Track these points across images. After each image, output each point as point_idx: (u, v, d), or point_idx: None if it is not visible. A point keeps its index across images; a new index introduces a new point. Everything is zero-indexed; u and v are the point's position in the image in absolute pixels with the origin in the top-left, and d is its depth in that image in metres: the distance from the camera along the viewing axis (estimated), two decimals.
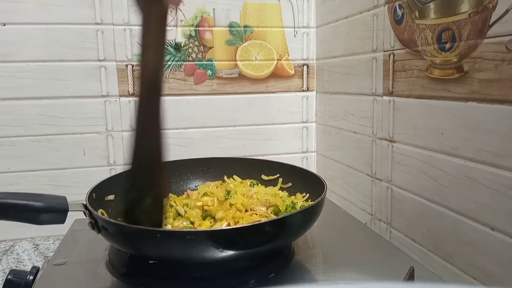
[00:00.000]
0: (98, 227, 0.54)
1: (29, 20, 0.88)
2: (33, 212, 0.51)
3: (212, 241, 0.48)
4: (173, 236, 0.50)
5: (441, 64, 0.62)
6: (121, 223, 0.52)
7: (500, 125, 0.53)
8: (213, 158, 0.81)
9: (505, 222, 0.53)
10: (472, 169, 0.57)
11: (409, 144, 0.71)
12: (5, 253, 0.86)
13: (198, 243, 0.48)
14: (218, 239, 0.48)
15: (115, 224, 0.53)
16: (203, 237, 0.48)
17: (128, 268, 0.56)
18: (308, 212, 0.55)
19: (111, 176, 0.69)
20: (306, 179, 0.71)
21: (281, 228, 0.52)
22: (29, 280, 0.56)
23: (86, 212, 0.54)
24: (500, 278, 0.54)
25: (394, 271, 0.56)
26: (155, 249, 0.50)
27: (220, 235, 0.49)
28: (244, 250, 0.51)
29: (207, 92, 1.01)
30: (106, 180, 0.67)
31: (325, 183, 0.63)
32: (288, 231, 0.53)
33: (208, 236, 0.48)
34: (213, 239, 0.48)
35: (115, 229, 0.52)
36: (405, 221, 0.73)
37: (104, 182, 0.66)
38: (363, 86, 0.84)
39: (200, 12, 0.97)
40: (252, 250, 0.52)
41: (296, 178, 0.74)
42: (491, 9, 0.53)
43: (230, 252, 0.49)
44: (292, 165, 0.76)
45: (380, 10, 0.76)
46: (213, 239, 0.48)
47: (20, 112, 0.90)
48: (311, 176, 0.70)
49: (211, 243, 0.48)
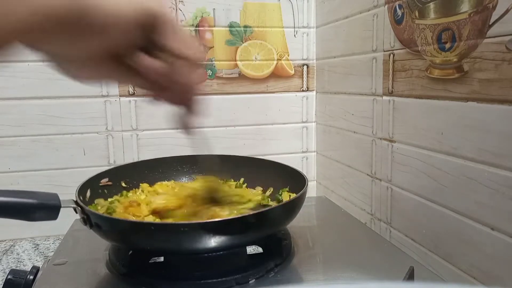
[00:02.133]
0: (90, 222, 0.54)
1: None
2: (25, 209, 0.51)
3: (205, 232, 0.50)
4: (166, 228, 0.51)
5: (441, 64, 0.62)
6: (113, 217, 0.52)
7: (500, 125, 0.53)
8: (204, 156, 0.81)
9: (505, 222, 0.53)
10: (472, 169, 0.57)
11: (409, 144, 0.71)
12: (5, 253, 0.86)
13: (191, 234, 0.49)
14: (210, 230, 0.50)
15: (107, 218, 0.53)
16: (196, 229, 0.50)
17: (128, 268, 0.56)
18: (290, 203, 0.57)
19: (100, 172, 0.70)
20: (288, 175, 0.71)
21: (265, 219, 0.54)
22: (29, 280, 0.56)
23: (78, 208, 0.54)
24: (500, 278, 0.54)
25: (394, 271, 0.56)
26: (148, 241, 0.51)
27: (212, 226, 0.50)
28: (235, 241, 0.53)
29: (207, 92, 1.01)
30: (96, 176, 0.68)
31: (305, 177, 0.64)
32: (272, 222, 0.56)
33: (201, 227, 0.50)
34: (206, 230, 0.50)
35: (107, 223, 0.53)
36: (405, 221, 0.73)
37: (94, 177, 0.67)
38: (363, 86, 0.84)
39: (200, 12, 0.97)
40: (243, 240, 0.54)
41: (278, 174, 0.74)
42: (491, 9, 0.53)
43: (222, 242, 0.51)
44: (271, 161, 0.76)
45: (380, 10, 0.76)
46: (205, 230, 0.50)
47: (20, 112, 0.90)
48: (292, 171, 0.70)
49: (204, 234, 0.50)
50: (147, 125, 0.98)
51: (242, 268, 0.55)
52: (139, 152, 0.98)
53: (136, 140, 0.97)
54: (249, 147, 1.05)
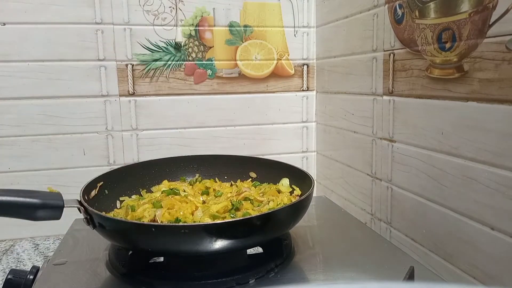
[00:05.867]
0: (94, 223, 0.54)
1: (29, 19, 0.88)
2: (29, 209, 0.51)
3: (206, 234, 0.49)
4: (168, 230, 0.51)
5: (441, 64, 0.62)
6: (116, 218, 0.52)
7: (500, 124, 0.53)
8: (208, 156, 0.82)
9: (505, 222, 0.53)
10: (472, 169, 0.57)
11: (409, 144, 0.71)
12: (5, 253, 0.86)
13: (192, 236, 0.49)
14: (212, 232, 0.49)
15: (110, 219, 0.53)
16: (197, 231, 0.49)
17: (128, 268, 0.56)
18: (295, 205, 0.57)
19: (105, 173, 0.70)
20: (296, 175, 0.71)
21: (270, 221, 0.54)
22: (29, 279, 0.56)
23: (81, 208, 0.54)
24: (500, 278, 0.54)
25: (394, 271, 0.56)
26: (150, 243, 0.51)
27: (213, 228, 0.50)
28: (236, 244, 0.52)
29: (207, 91, 1.01)
30: (101, 176, 0.68)
31: (312, 178, 0.64)
32: (277, 223, 0.56)
33: (202, 229, 0.50)
34: (207, 232, 0.49)
35: (110, 224, 0.53)
36: (405, 221, 0.73)
37: (98, 178, 0.67)
38: (363, 85, 0.84)
39: (200, 11, 0.97)
40: (245, 243, 0.54)
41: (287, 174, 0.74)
42: (491, 9, 0.53)
43: (223, 244, 0.50)
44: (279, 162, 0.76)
45: (380, 10, 0.76)
46: (206, 232, 0.49)
47: (20, 112, 0.90)
48: (299, 172, 0.70)
49: (205, 236, 0.49)
50: (147, 125, 0.98)
51: (242, 268, 0.55)
52: (139, 152, 0.98)
53: (136, 140, 0.97)
54: (249, 147, 1.05)
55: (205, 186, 0.73)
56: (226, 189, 0.72)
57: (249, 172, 0.78)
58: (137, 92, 0.96)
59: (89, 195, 0.63)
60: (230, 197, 0.66)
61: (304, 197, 0.57)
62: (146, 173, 0.75)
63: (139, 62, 0.95)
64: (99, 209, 0.58)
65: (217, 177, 0.78)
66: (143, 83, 0.96)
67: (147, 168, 0.76)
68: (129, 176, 0.73)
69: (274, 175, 0.74)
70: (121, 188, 0.71)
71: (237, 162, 0.79)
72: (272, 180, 0.74)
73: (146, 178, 0.75)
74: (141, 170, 0.75)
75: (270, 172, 0.75)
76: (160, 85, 0.97)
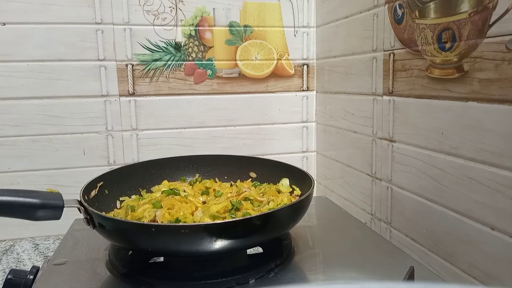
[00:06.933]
0: (94, 223, 0.54)
1: (29, 19, 0.88)
2: (29, 209, 0.52)
3: (206, 234, 0.49)
4: (168, 230, 0.51)
5: (441, 64, 0.62)
6: (116, 218, 0.52)
7: (500, 124, 0.53)
8: (207, 156, 0.82)
9: (505, 222, 0.53)
10: (472, 168, 0.57)
11: (409, 144, 0.71)
12: (5, 253, 0.86)
13: (192, 236, 0.49)
14: (212, 232, 0.49)
15: (110, 219, 0.53)
16: (197, 231, 0.49)
17: (128, 268, 0.56)
18: (295, 205, 0.57)
19: (105, 173, 0.70)
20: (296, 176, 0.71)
21: (270, 222, 0.54)
22: (29, 279, 0.56)
23: (81, 208, 0.54)
24: (500, 278, 0.54)
25: (394, 271, 0.56)
26: (150, 243, 0.51)
27: (213, 228, 0.50)
28: (237, 244, 0.52)
29: (207, 91, 1.01)
30: (101, 176, 0.68)
31: (312, 178, 0.64)
32: (276, 224, 0.56)
33: (202, 229, 0.50)
34: (207, 232, 0.49)
35: (111, 224, 0.53)
36: (405, 221, 0.73)
37: (98, 178, 0.67)
38: (363, 85, 0.84)
39: (200, 11, 0.97)
40: (245, 243, 0.54)
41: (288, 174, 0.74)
42: (491, 9, 0.53)
43: (223, 245, 0.50)
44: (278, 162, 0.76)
45: (380, 10, 0.76)
46: (206, 232, 0.49)
47: (20, 112, 0.90)
48: (299, 172, 0.70)
49: (205, 236, 0.49)
50: (147, 125, 0.98)
51: (242, 268, 0.55)
52: (139, 152, 0.98)
53: (136, 140, 0.97)
54: (249, 147, 1.05)
55: (205, 186, 0.73)
56: (226, 189, 0.72)
57: (249, 172, 0.78)
58: (137, 92, 0.96)
59: (89, 195, 0.63)
60: (230, 197, 0.67)
61: (304, 197, 0.57)
62: (146, 173, 0.75)
63: (139, 62, 0.95)
64: (99, 209, 0.58)
65: (217, 177, 0.78)
66: (143, 83, 0.96)
67: (147, 168, 0.76)
68: (129, 176, 0.73)
69: (274, 175, 0.74)
70: (121, 188, 0.71)
71: (237, 162, 0.80)
72: (272, 180, 0.74)
73: (146, 178, 0.75)
74: (141, 170, 0.75)
75: (270, 172, 0.75)
76: (160, 85, 0.97)
